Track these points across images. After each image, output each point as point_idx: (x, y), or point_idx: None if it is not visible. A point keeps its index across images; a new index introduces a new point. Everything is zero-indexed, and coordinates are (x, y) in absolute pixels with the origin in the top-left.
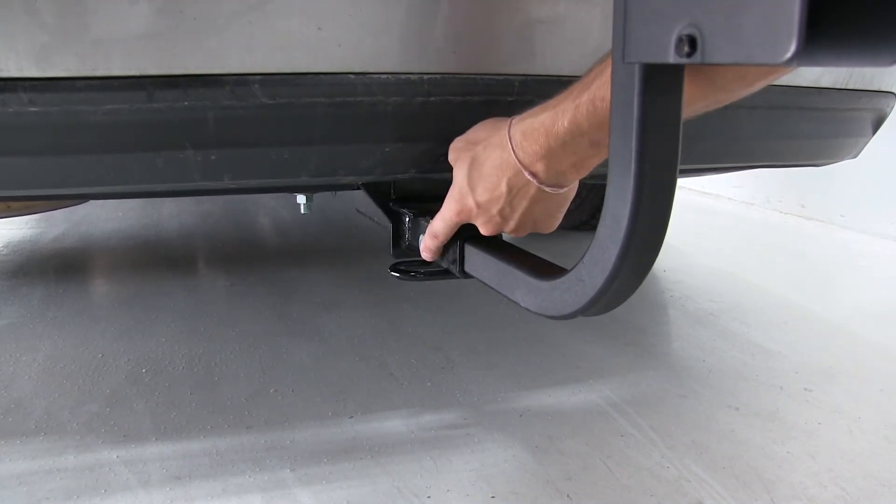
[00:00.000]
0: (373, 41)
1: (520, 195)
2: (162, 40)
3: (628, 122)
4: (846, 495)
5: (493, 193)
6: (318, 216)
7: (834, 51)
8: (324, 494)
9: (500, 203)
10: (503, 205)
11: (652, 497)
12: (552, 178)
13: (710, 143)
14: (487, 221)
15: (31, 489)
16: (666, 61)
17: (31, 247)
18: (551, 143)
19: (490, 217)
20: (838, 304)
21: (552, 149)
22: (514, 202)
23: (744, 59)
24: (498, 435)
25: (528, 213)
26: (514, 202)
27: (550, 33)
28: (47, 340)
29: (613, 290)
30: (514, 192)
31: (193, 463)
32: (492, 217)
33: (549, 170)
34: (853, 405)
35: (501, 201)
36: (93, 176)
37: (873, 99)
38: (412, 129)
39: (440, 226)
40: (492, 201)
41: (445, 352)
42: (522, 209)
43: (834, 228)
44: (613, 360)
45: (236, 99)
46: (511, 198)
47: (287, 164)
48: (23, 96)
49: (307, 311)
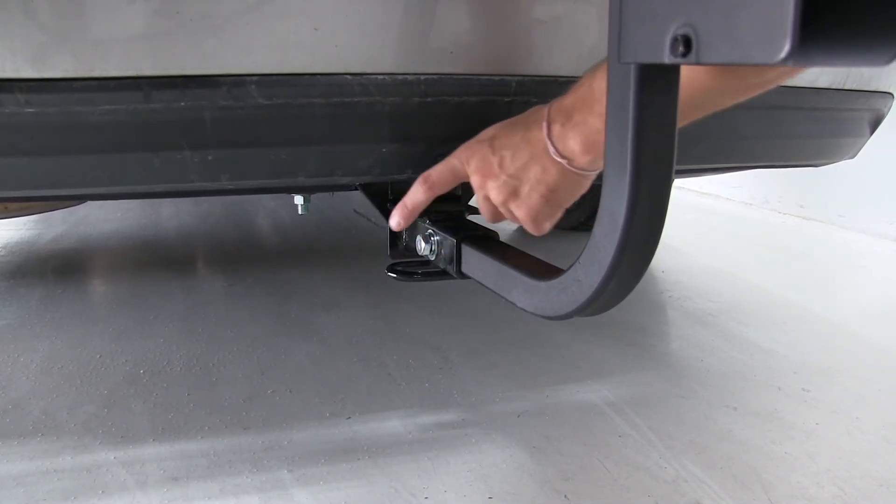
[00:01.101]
0: (370, 41)
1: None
2: (159, 41)
3: (624, 122)
4: (844, 495)
5: (509, 132)
6: (316, 217)
7: (828, 50)
8: (321, 495)
9: (508, 145)
10: (508, 149)
11: (650, 497)
12: (561, 142)
13: (708, 143)
14: (483, 165)
15: (28, 490)
16: (661, 62)
17: (29, 248)
18: (575, 103)
19: (488, 160)
20: (837, 304)
21: (574, 108)
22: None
23: (738, 58)
24: (496, 435)
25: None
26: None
27: (548, 34)
28: (45, 341)
29: (610, 289)
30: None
31: (191, 463)
32: (490, 162)
33: (563, 131)
34: (852, 405)
35: (510, 144)
36: (90, 177)
37: (871, 99)
38: (409, 129)
39: (439, 168)
40: (503, 140)
41: (444, 352)
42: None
43: (833, 228)
44: (612, 360)
45: (233, 99)
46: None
47: (284, 164)
48: (19, 97)
49: (306, 312)
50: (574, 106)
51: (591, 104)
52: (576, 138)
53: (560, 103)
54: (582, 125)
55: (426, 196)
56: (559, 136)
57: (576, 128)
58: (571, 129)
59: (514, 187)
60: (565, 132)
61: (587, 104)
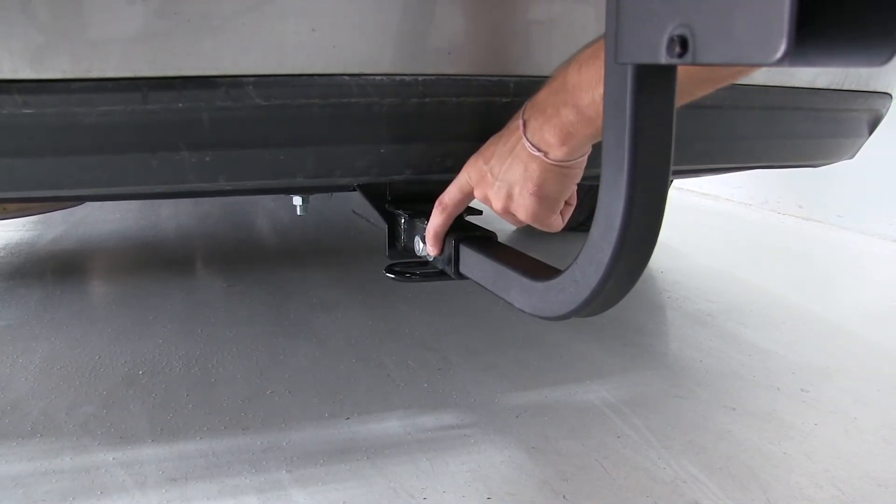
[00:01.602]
0: (368, 42)
1: (507, 146)
2: (157, 42)
3: (621, 123)
4: (843, 495)
5: (495, 141)
6: (315, 217)
7: (825, 50)
8: (320, 495)
9: (494, 152)
10: (495, 157)
11: (648, 497)
12: (536, 136)
13: (706, 143)
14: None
15: (27, 491)
16: (657, 62)
17: (29, 249)
18: (547, 98)
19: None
20: (836, 304)
21: (546, 103)
22: (502, 155)
23: (735, 58)
24: (494, 436)
25: (508, 170)
26: (502, 156)
27: (546, 34)
28: (44, 342)
29: (608, 290)
30: (505, 144)
31: (190, 464)
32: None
33: (537, 126)
34: (850, 405)
35: (495, 150)
36: (88, 177)
37: (869, 99)
38: (407, 130)
39: (450, 191)
40: (490, 148)
41: (443, 353)
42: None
43: (832, 229)
44: (611, 360)
45: (231, 100)
46: (502, 150)
47: (282, 165)
48: (17, 98)
49: (305, 313)
50: (546, 100)
51: (564, 97)
52: (550, 131)
53: (534, 100)
54: (555, 118)
55: (444, 219)
56: (534, 131)
57: (549, 121)
58: (545, 122)
59: (507, 191)
60: (539, 126)
61: (559, 97)
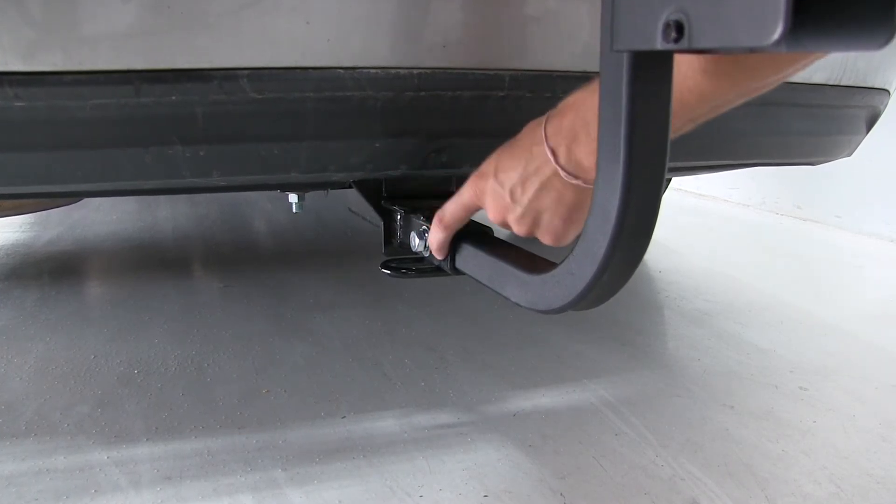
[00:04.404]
0: (362, 35)
1: (537, 175)
2: (149, 35)
3: (617, 112)
4: (841, 493)
5: (511, 163)
6: (311, 217)
7: (821, 34)
8: (315, 494)
9: (515, 177)
10: (516, 181)
11: (646, 495)
12: (571, 163)
13: (703, 140)
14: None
15: (20, 490)
16: (654, 48)
17: (25, 250)
18: (576, 122)
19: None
20: (833, 303)
21: (575, 128)
22: (528, 182)
23: (730, 43)
24: (491, 434)
25: (537, 199)
26: (527, 182)
27: (541, 28)
28: (39, 342)
29: (603, 282)
30: (532, 170)
31: (185, 463)
32: (501, 196)
33: (570, 152)
34: (848, 403)
35: (516, 175)
36: (80, 172)
37: (867, 96)
38: (402, 124)
39: (451, 208)
40: (508, 173)
41: (440, 352)
42: (533, 191)
43: (829, 229)
44: (608, 359)
45: (225, 94)
46: (527, 175)
47: (277, 159)
48: (8, 91)
49: (301, 312)
50: (576, 124)
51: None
52: (588, 157)
53: (559, 123)
54: (591, 143)
55: (445, 235)
56: (568, 159)
57: (583, 147)
58: (578, 149)
59: (534, 218)
60: (572, 153)
61: (590, 118)
